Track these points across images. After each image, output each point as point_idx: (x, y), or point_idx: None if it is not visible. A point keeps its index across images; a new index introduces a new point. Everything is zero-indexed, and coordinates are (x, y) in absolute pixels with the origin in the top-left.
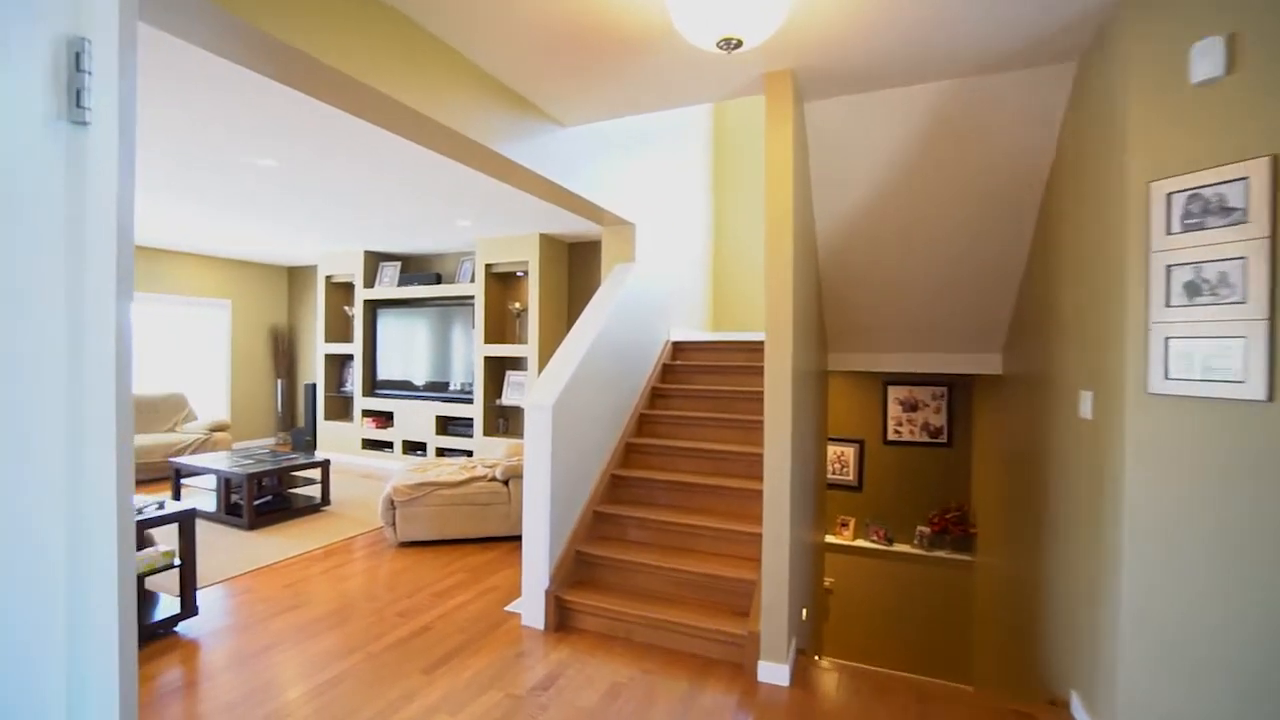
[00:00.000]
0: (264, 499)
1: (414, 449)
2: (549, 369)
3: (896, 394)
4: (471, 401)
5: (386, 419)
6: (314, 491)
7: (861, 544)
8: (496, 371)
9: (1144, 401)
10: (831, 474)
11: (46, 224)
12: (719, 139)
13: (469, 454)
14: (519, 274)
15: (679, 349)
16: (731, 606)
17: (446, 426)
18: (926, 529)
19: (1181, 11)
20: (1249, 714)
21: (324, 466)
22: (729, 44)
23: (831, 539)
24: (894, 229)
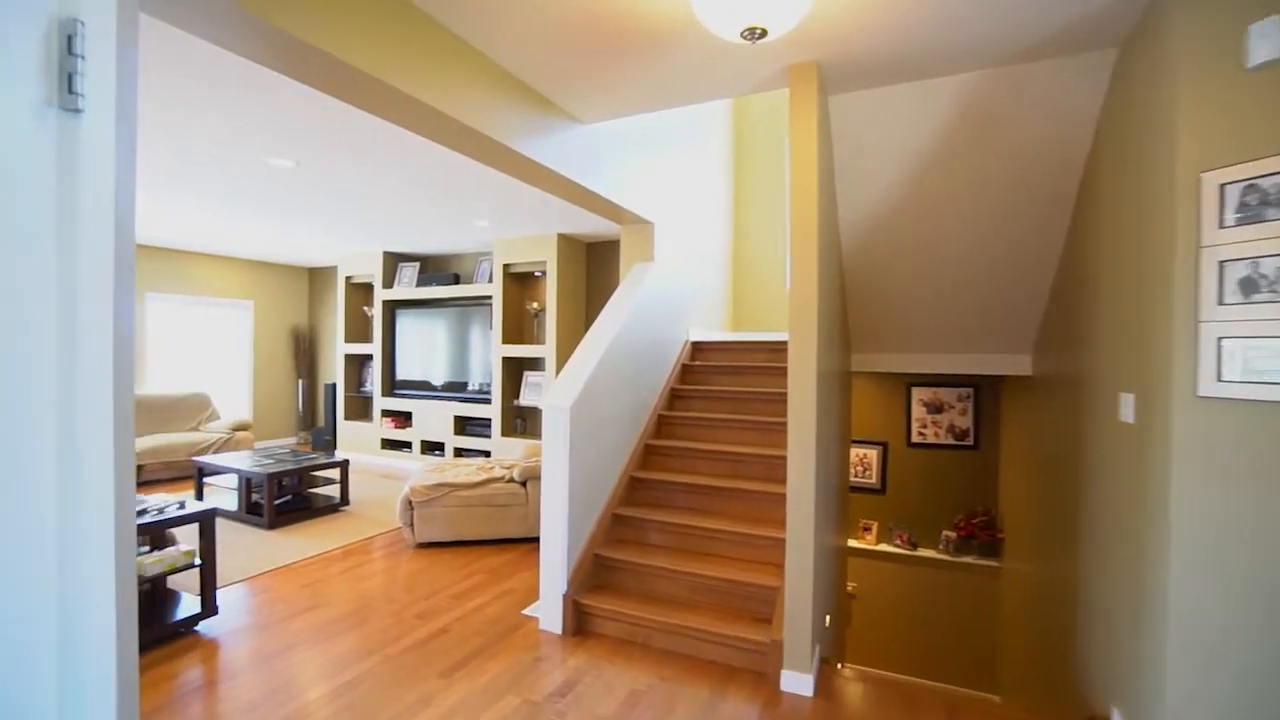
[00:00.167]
0: (284, 498)
1: (432, 449)
2: (567, 370)
3: (921, 395)
4: (489, 402)
5: (405, 419)
6: (333, 491)
7: (885, 548)
8: (514, 372)
9: (1192, 404)
10: (854, 477)
11: (36, 217)
12: (738, 136)
13: (487, 454)
14: (537, 274)
15: (698, 349)
16: (752, 613)
17: (464, 427)
18: (952, 534)
19: None
20: None
21: (343, 467)
22: (753, 34)
23: (854, 543)
24: (920, 226)
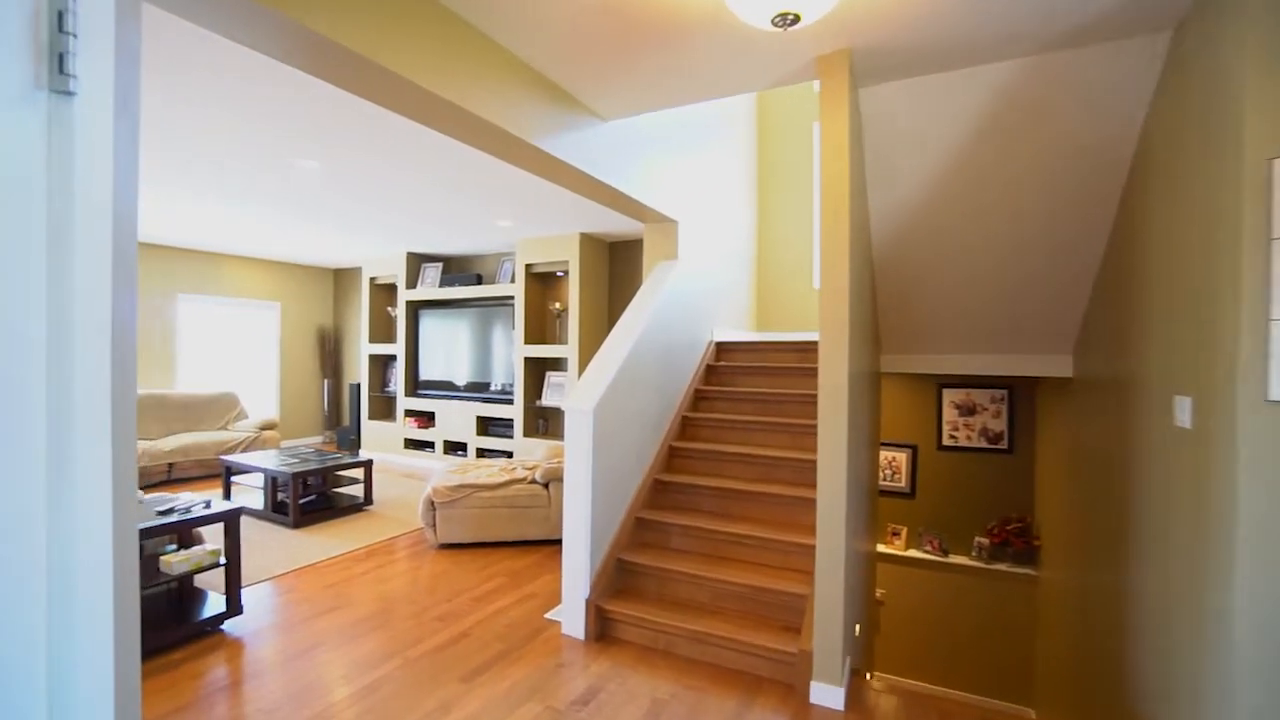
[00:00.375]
0: (309, 498)
1: (455, 449)
2: (590, 371)
3: (952, 397)
4: (512, 402)
5: (428, 419)
6: (357, 491)
7: (914, 554)
8: (536, 372)
9: (1261, 410)
10: (882, 480)
11: (24, 208)
12: (763, 131)
13: (509, 455)
14: (559, 274)
15: (723, 349)
16: (780, 621)
17: (487, 427)
18: (985, 540)
19: None
20: None
21: (366, 467)
22: (785, 20)
23: (882, 548)
24: (953, 222)
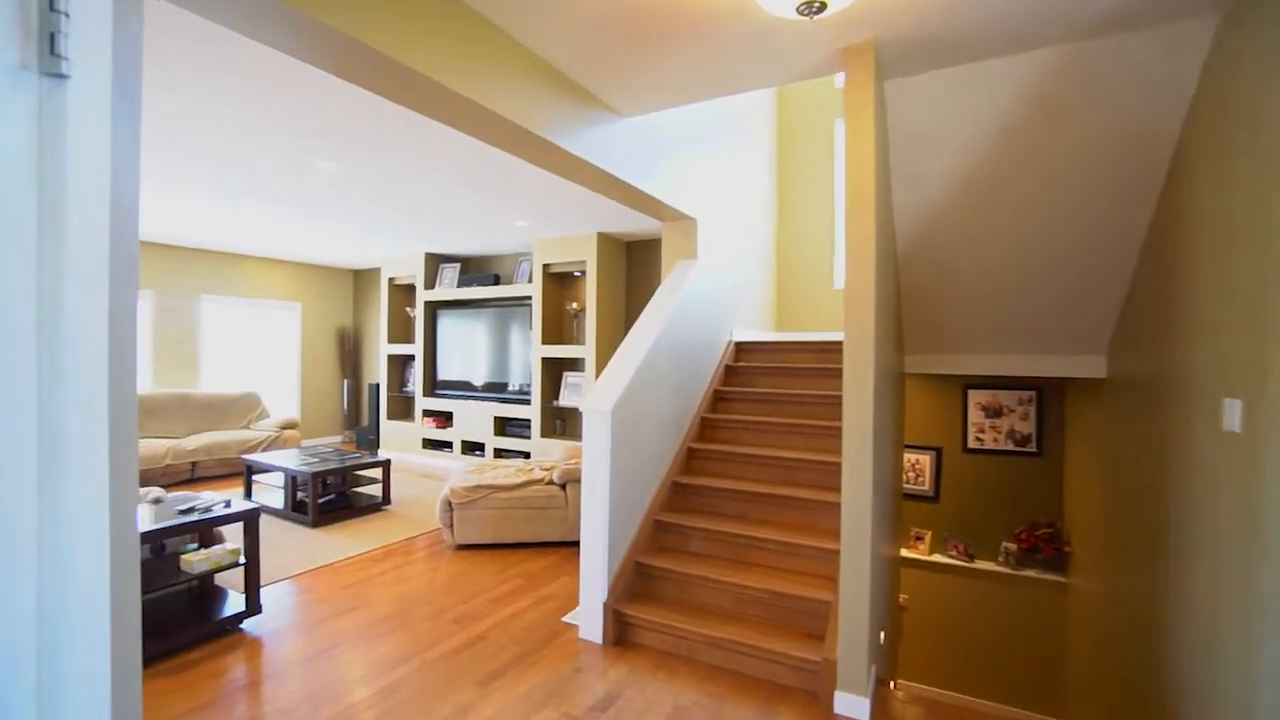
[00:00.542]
0: (328, 497)
1: (472, 449)
2: (608, 371)
3: (978, 398)
4: (529, 402)
5: (446, 419)
6: (375, 490)
7: (938, 559)
8: (554, 372)
9: None
10: (905, 483)
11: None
12: (782, 128)
13: (526, 455)
14: (576, 274)
15: (742, 350)
16: (803, 628)
17: (504, 427)
18: (1013, 545)
19: None
20: None
21: (385, 466)
22: (810, 8)
23: (906, 553)
24: (981, 219)
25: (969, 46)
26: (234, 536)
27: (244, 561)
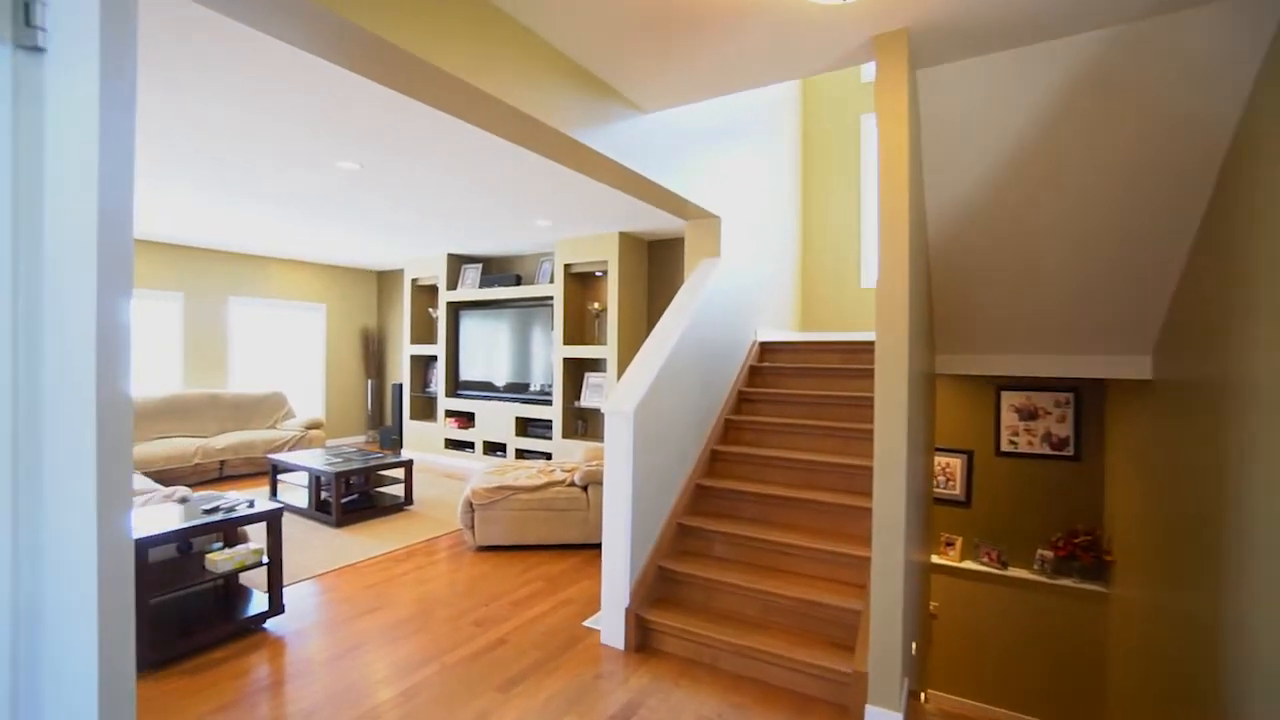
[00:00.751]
0: (351, 497)
1: (494, 450)
2: (630, 372)
3: (1011, 400)
4: (550, 403)
5: (468, 419)
6: (398, 490)
7: (970, 566)
8: (575, 373)
9: None
10: (935, 487)
11: None
12: (806, 122)
13: (548, 456)
14: (598, 274)
15: (767, 350)
16: (831, 638)
17: (526, 428)
18: (1049, 553)
19: None
20: None
21: (407, 467)
22: None
23: (935, 559)
24: (1019, 212)
25: (1006, 32)
26: (259, 536)
27: (267, 561)
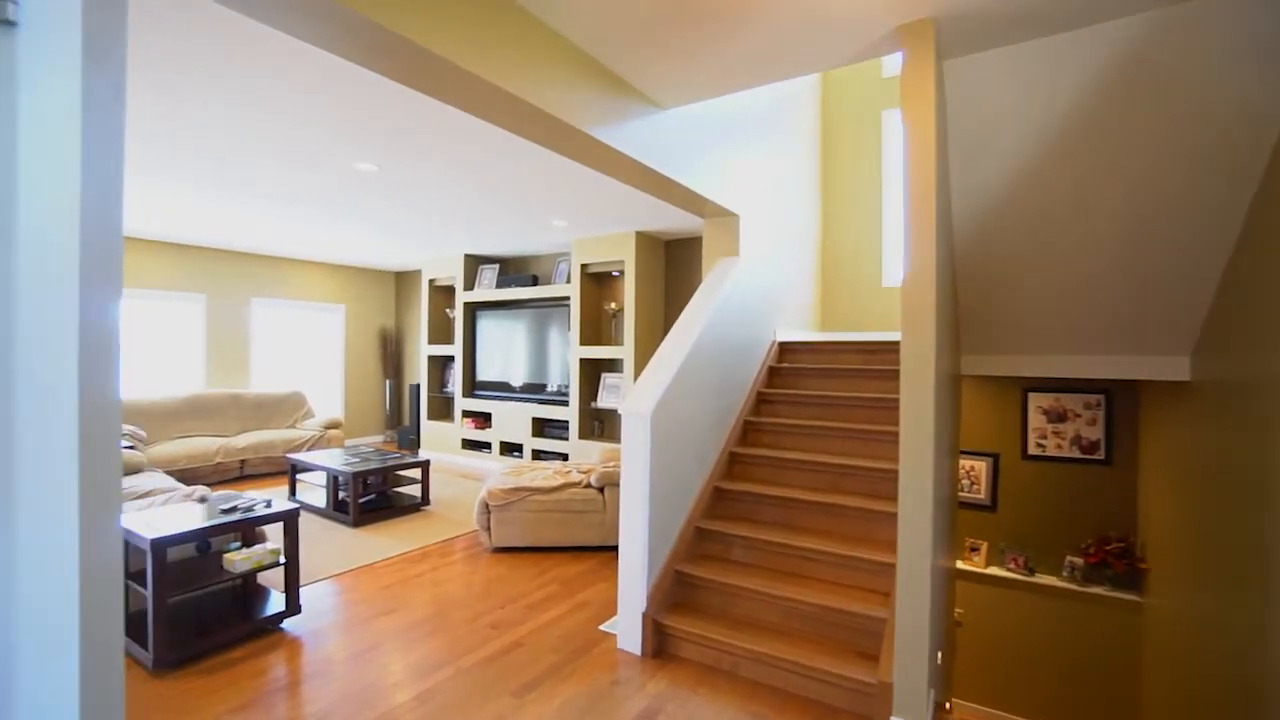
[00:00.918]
0: (368, 497)
1: (511, 450)
2: (647, 372)
3: (1039, 402)
4: (567, 404)
5: (485, 420)
6: (415, 490)
7: (995, 572)
8: (592, 373)
9: None
10: (960, 491)
11: None
12: (826, 119)
13: (564, 457)
14: (615, 274)
15: (786, 350)
16: (854, 646)
17: (542, 428)
18: (1079, 560)
19: None
20: None
21: (424, 467)
22: None
23: (960, 564)
24: (1049, 208)
25: (1037, 20)
26: (276, 536)
27: (284, 561)
